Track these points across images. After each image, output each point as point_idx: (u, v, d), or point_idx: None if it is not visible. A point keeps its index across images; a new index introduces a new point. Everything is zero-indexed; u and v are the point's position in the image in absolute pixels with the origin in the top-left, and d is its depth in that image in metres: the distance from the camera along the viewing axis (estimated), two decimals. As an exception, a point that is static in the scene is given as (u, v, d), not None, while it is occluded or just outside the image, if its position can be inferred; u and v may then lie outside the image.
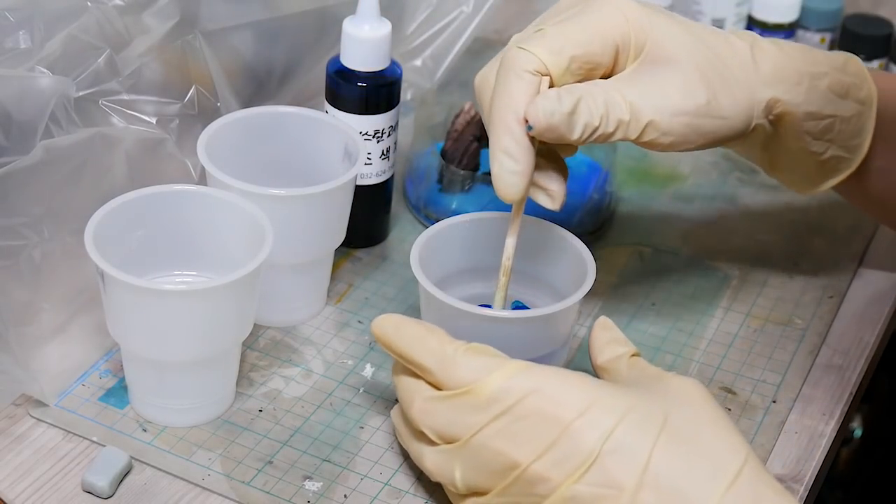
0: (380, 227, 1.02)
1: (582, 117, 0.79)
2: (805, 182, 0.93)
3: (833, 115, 0.88)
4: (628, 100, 0.80)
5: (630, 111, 0.80)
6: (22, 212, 0.85)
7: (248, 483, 0.82)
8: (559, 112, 0.78)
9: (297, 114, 0.95)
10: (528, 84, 0.79)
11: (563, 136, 0.79)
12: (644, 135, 0.81)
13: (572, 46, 0.80)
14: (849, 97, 0.89)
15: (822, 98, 0.87)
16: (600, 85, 0.80)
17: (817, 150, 0.90)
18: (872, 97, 0.90)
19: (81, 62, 0.90)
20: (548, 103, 0.78)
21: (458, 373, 0.76)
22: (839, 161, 0.91)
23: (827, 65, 0.88)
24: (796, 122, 0.87)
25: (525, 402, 0.74)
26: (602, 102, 0.79)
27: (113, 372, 0.88)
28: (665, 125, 0.81)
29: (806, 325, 0.97)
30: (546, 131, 0.78)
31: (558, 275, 0.88)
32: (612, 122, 0.80)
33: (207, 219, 0.87)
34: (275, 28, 1.02)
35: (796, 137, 0.88)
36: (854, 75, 0.89)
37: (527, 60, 0.79)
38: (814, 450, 0.88)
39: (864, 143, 0.91)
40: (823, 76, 0.87)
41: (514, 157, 0.79)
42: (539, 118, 0.78)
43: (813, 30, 1.26)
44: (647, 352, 0.94)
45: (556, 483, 0.73)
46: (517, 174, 0.79)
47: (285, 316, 0.94)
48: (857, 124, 0.90)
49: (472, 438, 0.75)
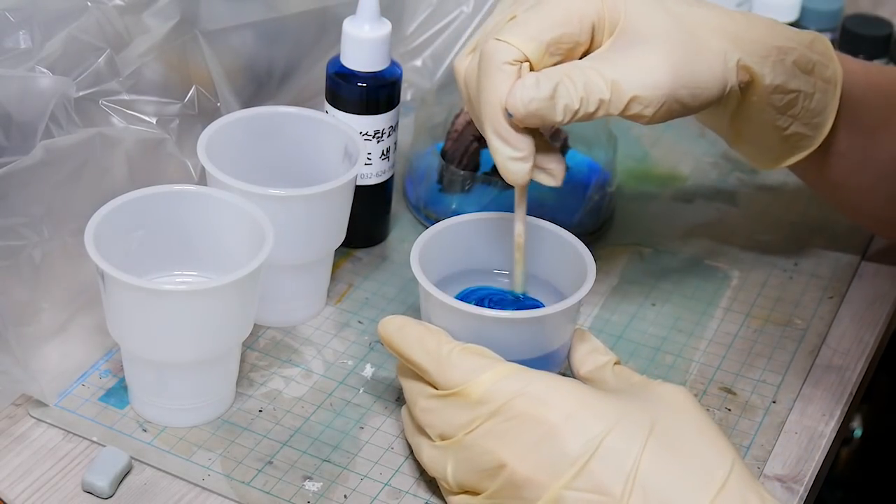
0: (380, 228, 1.02)
1: (561, 100, 0.80)
2: (767, 157, 0.94)
3: (797, 90, 0.89)
4: (609, 77, 0.81)
5: (610, 89, 0.81)
6: (22, 212, 0.85)
7: (248, 483, 0.82)
8: (537, 98, 0.79)
9: (297, 114, 0.95)
10: (508, 75, 0.80)
11: (545, 120, 0.80)
12: (627, 109, 0.81)
13: (549, 30, 0.81)
14: (814, 74, 0.90)
15: (787, 72, 0.88)
16: (579, 66, 0.81)
17: (781, 124, 0.90)
18: (837, 77, 0.91)
19: (81, 62, 0.90)
20: (525, 91, 0.79)
21: (451, 373, 0.77)
22: (801, 138, 0.92)
23: (795, 41, 0.89)
24: (763, 94, 0.88)
25: (513, 403, 0.75)
26: (581, 84, 0.80)
27: (113, 372, 0.88)
28: (647, 98, 0.81)
29: (806, 326, 0.97)
30: (527, 118, 0.80)
31: (558, 275, 0.88)
32: (592, 102, 0.80)
33: (207, 219, 0.87)
34: (275, 28, 1.02)
35: (761, 111, 0.89)
36: (821, 54, 0.90)
37: (506, 52, 0.80)
38: (814, 450, 0.88)
39: (826, 121, 0.92)
40: (791, 51, 0.88)
41: (511, 144, 0.81)
42: (517, 106, 0.79)
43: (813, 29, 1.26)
44: (647, 352, 0.94)
45: (544, 487, 0.74)
46: (520, 160, 0.81)
47: (285, 316, 0.94)
48: (821, 102, 0.91)
49: (465, 437, 0.76)
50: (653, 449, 0.73)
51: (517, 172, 0.81)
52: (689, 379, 0.92)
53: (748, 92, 0.87)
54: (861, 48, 1.24)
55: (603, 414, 0.74)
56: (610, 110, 0.81)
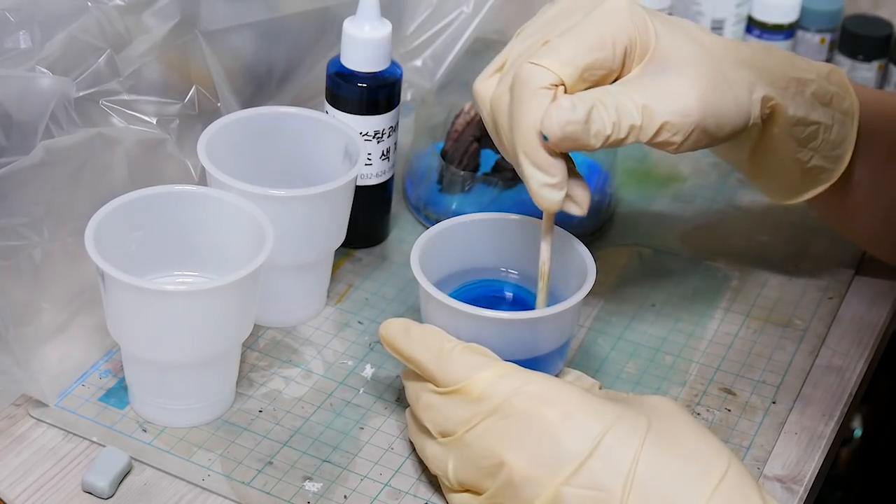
0: (380, 228, 1.02)
1: (594, 125, 0.79)
2: (787, 191, 0.94)
3: (818, 121, 0.89)
4: (640, 103, 0.80)
5: (642, 115, 0.80)
6: (22, 212, 0.85)
7: (248, 483, 0.82)
8: (573, 121, 0.78)
9: (298, 114, 0.95)
10: (544, 100, 0.79)
11: (578, 144, 0.79)
12: (657, 136, 0.81)
13: (584, 55, 0.80)
14: (832, 106, 0.90)
15: (807, 104, 0.88)
16: (611, 91, 0.80)
17: (802, 157, 0.91)
18: (854, 109, 0.92)
19: (81, 62, 0.90)
20: (563, 113, 0.78)
21: (451, 370, 0.78)
22: (821, 171, 0.92)
23: (813, 73, 0.89)
24: (785, 126, 0.88)
25: (512, 401, 0.76)
26: (613, 109, 0.79)
27: (113, 372, 0.88)
28: (677, 125, 0.81)
29: (806, 326, 0.97)
30: (562, 141, 0.78)
31: (558, 275, 0.88)
32: (623, 128, 0.80)
33: (208, 219, 0.87)
34: (275, 28, 1.02)
35: (783, 141, 0.89)
36: (837, 85, 0.91)
37: (542, 76, 0.79)
38: (813, 451, 0.88)
39: (845, 153, 0.92)
40: (809, 83, 0.89)
41: (546, 170, 0.79)
42: (554, 129, 0.78)
43: (813, 30, 1.26)
44: (647, 352, 0.94)
45: (543, 484, 0.74)
46: (554, 186, 0.80)
47: (285, 316, 0.94)
48: (839, 134, 0.91)
49: (465, 434, 0.77)
50: (651, 447, 0.74)
51: (551, 199, 0.80)
52: (689, 379, 0.92)
53: (770, 124, 0.88)
54: (861, 48, 1.24)
55: (601, 414, 0.75)
56: (640, 137, 0.80)
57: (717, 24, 1.25)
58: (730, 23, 1.25)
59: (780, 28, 1.25)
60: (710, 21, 1.25)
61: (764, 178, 0.94)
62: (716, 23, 1.25)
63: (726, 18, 1.25)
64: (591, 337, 0.95)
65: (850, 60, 1.25)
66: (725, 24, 1.25)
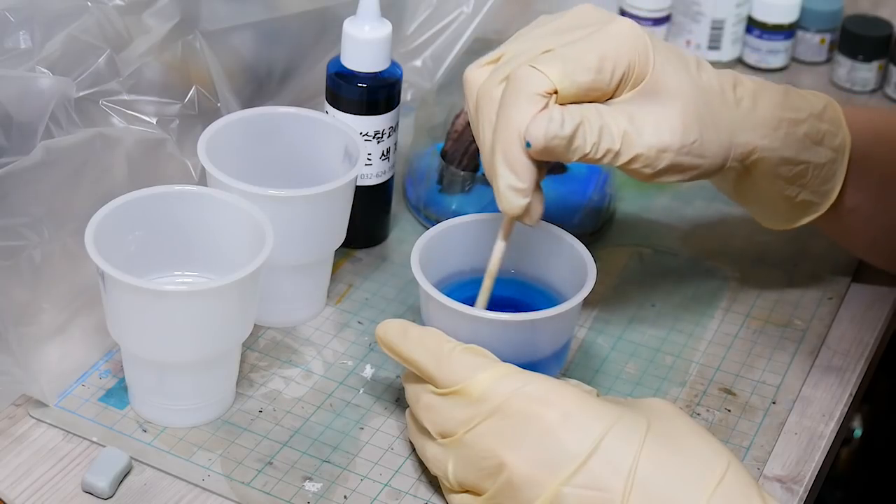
0: (380, 228, 1.02)
1: (577, 141, 0.80)
2: (776, 220, 0.95)
3: (807, 161, 0.90)
4: (622, 129, 0.81)
5: (621, 141, 0.81)
6: (22, 212, 0.85)
7: (248, 484, 0.82)
8: (560, 136, 0.79)
9: (298, 114, 0.95)
10: (535, 105, 0.79)
11: (556, 156, 0.80)
12: (630, 164, 0.82)
13: (584, 72, 0.80)
14: (823, 144, 0.90)
15: (798, 144, 0.89)
16: (599, 111, 0.81)
17: (790, 193, 0.91)
18: (846, 145, 0.92)
19: (81, 62, 0.90)
20: (552, 127, 0.78)
21: (451, 371, 0.78)
22: (810, 205, 0.93)
23: (806, 111, 0.89)
24: (770, 167, 0.89)
25: (512, 401, 0.76)
26: (597, 130, 0.80)
27: (113, 372, 0.88)
28: (651, 159, 0.82)
29: (805, 327, 0.97)
30: (542, 152, 0.79)
31: (558, 276, 0.88)
32: (601, 150, 0.81)
33: (208, 219, 0.87)
34: (275, 28, 1.02)
35: (769, 181, 0.90)
36: (830, 122, 0.91)
37: (539, 83, 0.79)
38: (813, 451, 0.88)
39: (834, 188, 0.93)
40: (802, 123, 0.89)
41: (518, 174, 0.80)
42: (539, 139, 0.79)
43: (813, 31, 1.27)
44: (646, 352, 0.94)
45: (543, 485, 0.74)
46: (521, 192, 0.80)
47: (285, 316, 0.94)
48: (829, 170, 0.91)
49: (465, 435, 0.77)
50: (651, 447, 0.74)
51: (513, 203, 0.81)
52: (689, 379, 0.92)
53: (753, 168, 0.88)
54: (861, 48, 1.24)
55: (601, 414, 0.75)
56: (614, 161, 0.81)
57: (718, 24, 1.25)
58: (730, 23, 1.25)
59: (780, 28, 1.25)
60: (711, 21, 1.25)
61: (752, 207, 0.95)
62: (716, 23, 1.25)
63: (726, 19, 1.25)
64: (591, 337, 0.95)
65: (850, 60, 1.25)
66: (725, 25, 1.25)
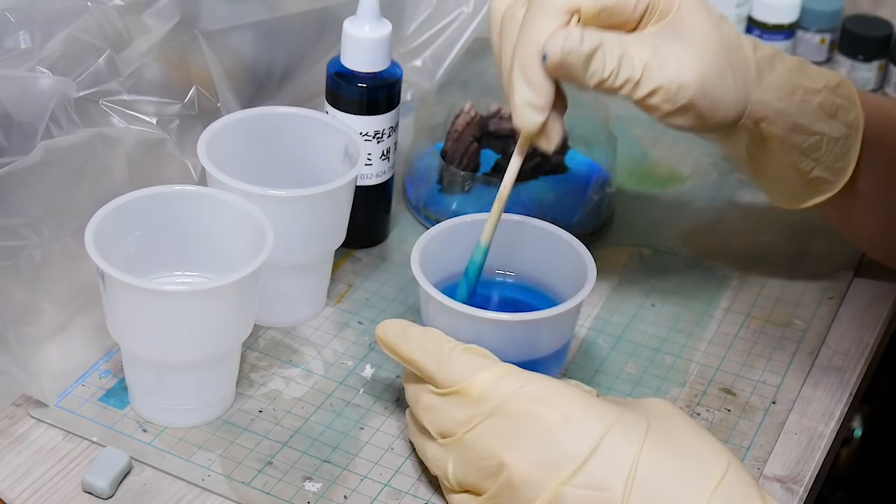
0: (380, 228, 1.02)
1: (595, 64, 0.79)
2: (788, 196, 0.94)
3: (821, 132, 0.89)
4: (644, 60, 0.80)
5: (642, 71, 0.80)
6: (22, 212, 0.85)
7: (248, 484, 0.82)
8: (577, 52, 0.78)
9: (298, 114, 0.95)
10: (556, 22, 0.79)
11: (574, 76, 0.79)
12: (649, 97, 0.81)
13: None
14: (837, 118, 0.90)
15: (812, 113, 0.88)
16: (621, 39, 0.80)
17: (804, 167, 0.91)
18: (859, 122, 0.91)
19: (81, 62, 0.90)
20: (569, 41, 0.78)
21: (451, 371, 0.78)
22: (823, 182, 0.92)
23: (821, 82, 0.89)
24: (785, 132, 0.88)
25: (512, 401, 0.76)
26: (617, 56, 0.80)
27: (113, 372, 0.88)
28: (671, 93, 0.81)
29: (806, 326, 0.97)
30: (559, 67, 0.79)
31: (558, 276, 0.88)
32: (620, 77, 0.80)
33: (208, 219, 0.87)
34: (275, 28, 1.02)
35: (785, 151, 0.89)
36: (844, 98, 0.91)
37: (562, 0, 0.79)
38: (813, 451, 0.88)
39: (848, 166, 0.92)
40: (817, 93, 0.89)
41: (535, 88, 0.80)
42: (556, 52, 0.78)
43: (813, 31, 1.27)
44: (646, 352, 0.94)
45: (543, 485, 0.74)
46: (537, 108, 0.80)
47: (285, 316, 0.94)
48: (843, 147, 0.91)
49: (465, 435, 0.77)
50: (651, 447, 0.74)
51: (529, 119, 0.80)
52: (689, 379, 0.92)
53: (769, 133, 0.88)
54: (861, 48, 1.24)
55: (601, 414, 0.75)
56: (633, 93, 0.81)
57: (717, 24, 1.25)
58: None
59: (780, 28, 1.25)
60: (710, 21, 1.25)
61: (765, 181, 0.94)
62: (716, 23, 1.24)
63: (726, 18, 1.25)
64: (591, 337, 0.95)
65: (850, 60, 1.25)
66: (725, 24, 1.25)
